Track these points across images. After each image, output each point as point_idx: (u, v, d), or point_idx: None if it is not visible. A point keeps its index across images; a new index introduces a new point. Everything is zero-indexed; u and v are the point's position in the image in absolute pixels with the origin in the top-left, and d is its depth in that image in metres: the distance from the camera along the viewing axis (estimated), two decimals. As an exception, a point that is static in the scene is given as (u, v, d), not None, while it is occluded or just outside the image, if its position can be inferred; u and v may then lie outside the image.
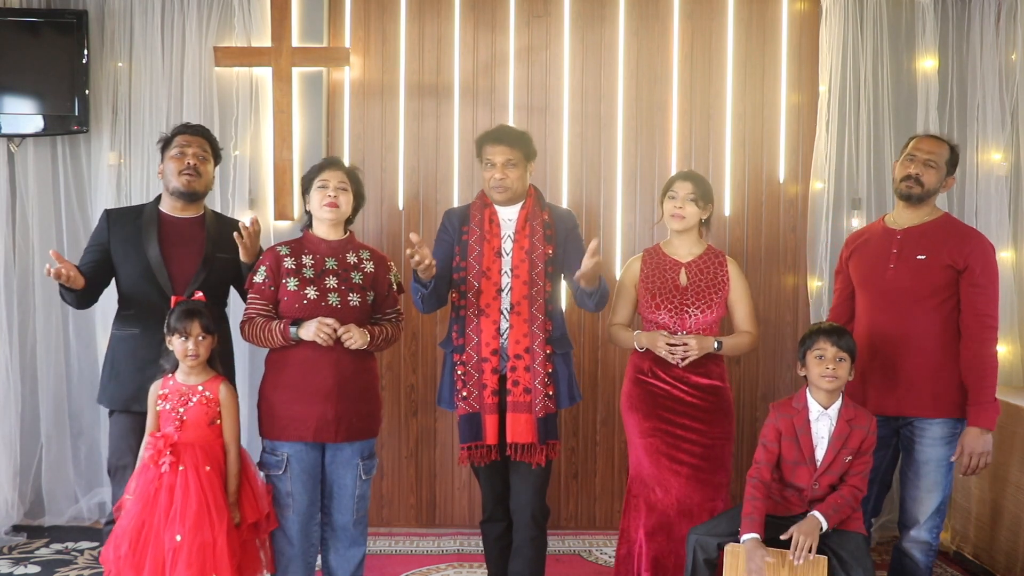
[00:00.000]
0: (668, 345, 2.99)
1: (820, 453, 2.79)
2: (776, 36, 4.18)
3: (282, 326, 2.81)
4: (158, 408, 2.81)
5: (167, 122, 4.05)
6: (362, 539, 3.00)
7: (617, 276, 3.58)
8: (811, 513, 2.72)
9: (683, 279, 3.11)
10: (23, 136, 4.08)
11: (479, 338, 2.94)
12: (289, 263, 2.88)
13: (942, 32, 4.10)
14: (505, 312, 2.95)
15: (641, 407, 3.08)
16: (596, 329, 4.18)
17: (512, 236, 3.00)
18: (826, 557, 2.68)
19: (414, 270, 2.89)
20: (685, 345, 2.99)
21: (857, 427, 2.79)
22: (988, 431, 2.95)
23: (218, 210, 3.94)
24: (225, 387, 2.85)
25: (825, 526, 2.69)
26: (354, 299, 2.87)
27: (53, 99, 4.02)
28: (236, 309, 3.59)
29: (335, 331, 2.78)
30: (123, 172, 4.11)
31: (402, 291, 3.05)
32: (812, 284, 4.10)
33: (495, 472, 3.03)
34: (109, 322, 3.95)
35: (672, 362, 3.02)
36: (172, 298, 2.87)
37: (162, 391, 2.82)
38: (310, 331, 2.78)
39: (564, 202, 4.11)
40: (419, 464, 4.24)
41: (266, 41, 4.07)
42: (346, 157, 4.16)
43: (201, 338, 2.78)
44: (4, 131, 4.02)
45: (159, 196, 3.16)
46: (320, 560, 3.05)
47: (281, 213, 4.09)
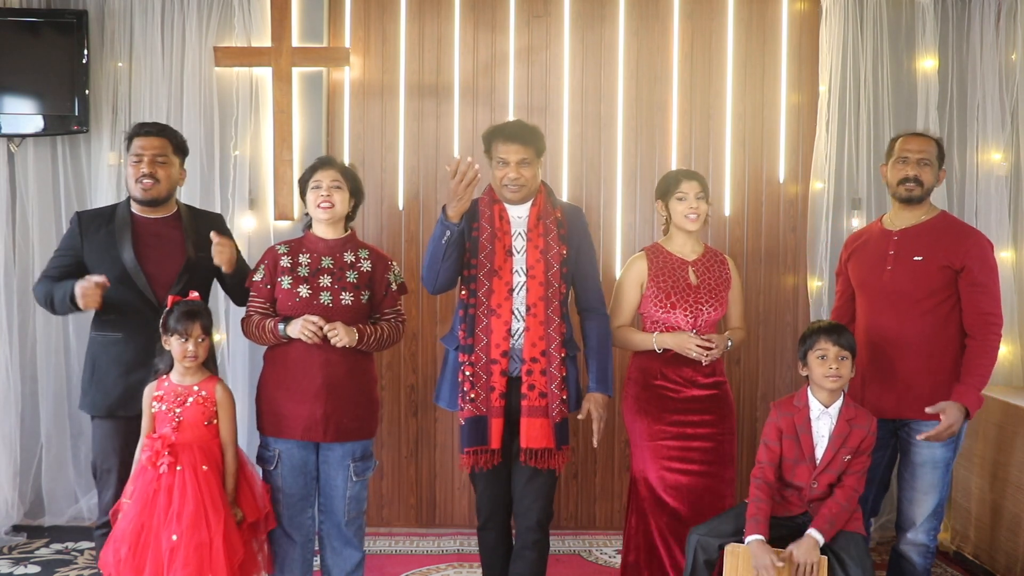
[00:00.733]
0: (700, 347, 2.98)
1: (820, 452, 2.79)
2: (776, 36, 4.18)
3: (272, 324, 2.82)
4: (153, 409, 2.80)
5: (167, 122, 4.04)
6: (356, 540, 2.98)
7: (618, 276, 3.57)
8: (807, 533, 2.69)
9: (693, 278, 3.10)
10: (23, 136, 4.07)
11: (489, 339, 2.84)
12: (285, 262, 2.89)
13: (942, 32, 4.10)
14: (518, 313, 2.86)
15: (651, 411, 3.06)
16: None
17: (524, 234, 2.91)
18: (826, 557, 2.68)
19: (443, 209, 2.78)
20: (713, 344, 2.99)
21: (857, 427, 2.79)
22: (965, 412, 2.89)
23: (217, 210, 3.96)
24: (221, 387, 2.84)
25: (822, 543, 2.68)
26: (347, 298, 2.86)
27: (53, 99, 4.02)
28: (219, 305, 3.56)
29: (320, 328, 2.77)
30: (123, 172, 4.08)
31: (404, 291, 3.02)
32: (812, 284, 4.10)
33: (496, 478, 2.92)
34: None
35: (701, 362, 3.01)
36: (170, 298, 2.84)
37: (157, 392, 2.81)
38: (295, 328, 2.78)
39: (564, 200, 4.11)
40: (419, 464, 4.24)
41: (266, 41, 4.07)
42: (346, 157, 4.16)
43: (201, 339, 2.78)
44: (4, 131, 4.02)
45: (129, 196, 3.10)
46: (319, 560, 3.05)
47: (281, 213, 4.09)
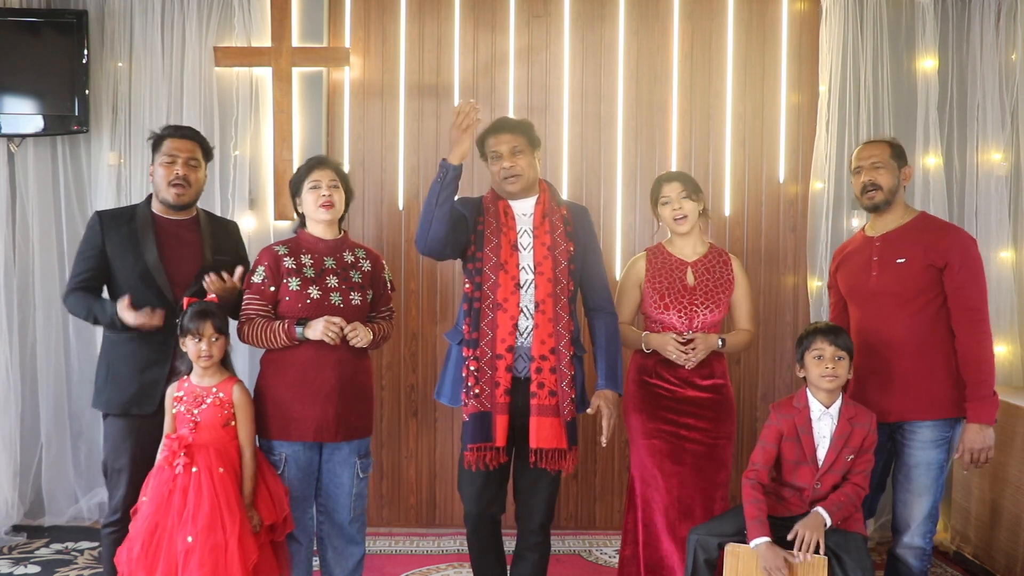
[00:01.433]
0: (679, 350, 2.99)
1: (822, 453, 2.79)
2: (776, 36, 4.18)
3: (286, 326, 2.79)
4: (174, 411, 2.80)
5: (167, 122, 4.02)
6: (359, 538, 3.00)
7: (619, 277, 3.57)
8: (815, 509, 2.72)
9: (690, 279, 3.10)
10: (23, 136, 4.08)
11: (494, 333, 2.78)
12: (289, 263, 2.86)
13: (942, 32, 4.11)
14: (525, 310, 2.82)
15: (645, 408, 3.07)
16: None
17: (530, 231, 2.87)
18: (826, 557, 2.68)
19: (443, 163, 2.74)
20: (693, 347, 2.99)
21: (858, 425, 2.79)
22: (989, 426, 2.93)
23: (218, 210, 3.96)
24: (239, 388, 2.83)
25: (829, 522, 2.70)
26: (355, 298, 2.87)
27: (53, 99, 4.02)
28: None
29: (342, 330, 2.77)
30: (123, 172, 4.11)
31: (394, 289, 3.05)
32: (812, 284, 4.11)
33: (493, 478, 2.87)
34: (108, 322, 3.99)
35: (682, 364, 3.02)
36: (184, 299, 2.85)
37: (178, 393, 2.81)
38: (318, 330, 2.76)
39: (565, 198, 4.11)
40: (419, 464, 4.24)
41: (266, 41, 4.07)
42: (346, 157, 4.17)
43: (214, 339, 2.78)
44: (4, 131, 4.02)
45: (150, 196, 3.11)
46: (319, 561, 3.05)
47: (281, 213, 4.09)
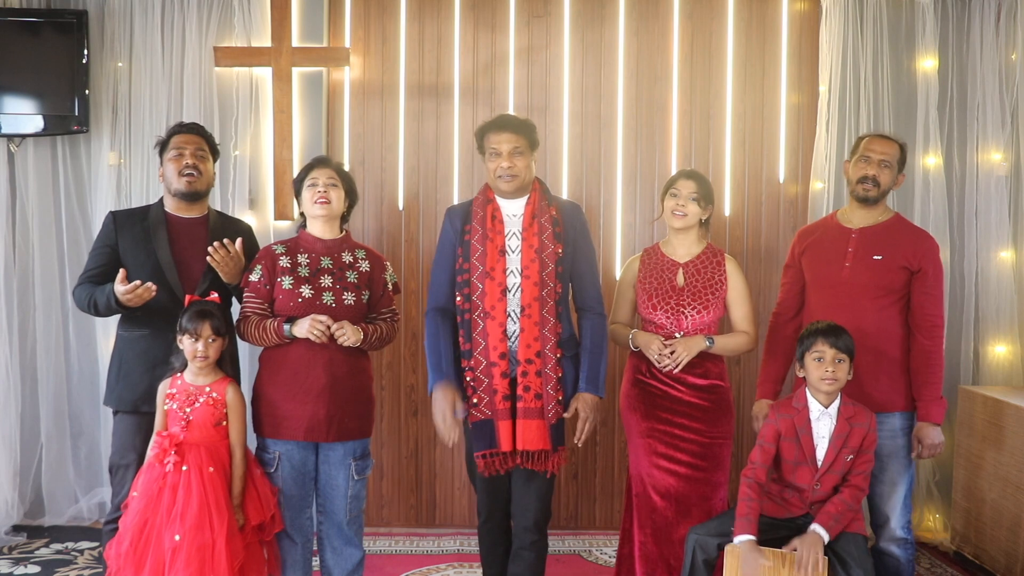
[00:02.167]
0: (659, 352, 2.99)
1: (821, 453, 2.79)
2: (776, 36, 4.18)
3: (276, 324, 2.81)
4: (165, 407, 2.81)
5: (167, 122, 4.03)
6: (357, 539, 2.99)
7: (618, 277, 3.58)
8: (811, 528, 2.70)
9: (680, 280, 3.10)
10: (23, 136, 4.08)
11: (486, 342, 2.81)
12: (284, 262, 2.88)
13: (942, 32, 4.10)
14: (513, 314, 2.84)
15: (640, 407, 3.08)
16: (596, 329, 4.17)
17: (518, 233, 2.88)
18: (826, 558, 2.68)
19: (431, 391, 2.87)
20: (672, 350, 2.98)
21: (857, 425, 2.79)
22: (939, 425, 3.05)
23: (218, 210, 3.96)
24: (232, 389, 2.84)
25: (826, 539, 2.68)
26: (349, 298, 2.87)
27: (53, 99, 4.02)
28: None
29: (328, 328, 2.78)
30: (123, 172, 4.11)
31: (398, 291, 3.04)
32: (812, 284, 4.10)
33: (498, 477, 2.90)
34: (109, 322, 3.97)
35: (661, 368, 3.01)
36: (187, 297, 2.87)
37: (170, 390, 2.82)
38: (303, 328, 2.77)
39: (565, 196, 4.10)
40: (419, 464, 4.24)
41: (266, 41, 4.07)
42: (346, 157, 4.17)
43: (211, 340, 2.78)
44: (4, 131, 4.02)
45: (162, 198, 3.14)
46: (318, 561, 3.05)
47: (281, 213, 4.09)
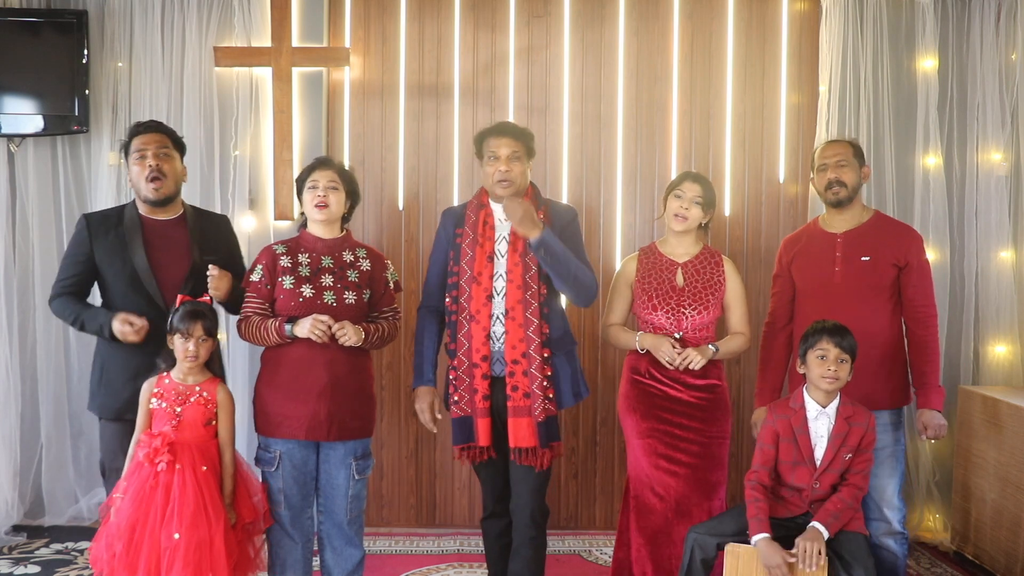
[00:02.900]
0: (671, 353, 2.99)
1: (819, 452, 2.79)
2: (776, 36, 4.18)
3: (277, 324, 2.82)
4: (152, 406, 2.80)
5: (167, 122, 4.03)
6: (357, 539, 2.99)
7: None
8: (811, 524, 2.70)
9: (679, 279, 3.10)
10: (23, 136, 4.08)
11: (470, 344, 2.90)
12: (285, 261, 2.88)
13: (942, 32, 4.10)
14: (499, 317, 2.91)
15: (639, 408, 3.08)
16: (596, 329, 4.17)
17: (507, 237, 2.95)
18: (827, 557, 2.68)
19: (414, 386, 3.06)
20: (685, 355, 2.99)
21: (856, 424, 2.79)
22: (940, 412, 3.14)
23: (218, 210, 3.96)
24: (222, 389, 2.85)
25: (826, 535, 2.68)
26: (350, 297, 2.87)
27: (53, 99, 4.02)
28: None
29: (329, 328, 2.78)
30: (123, 172, 4.09)
31: (399, 290, 3.06)
32: (812, 284, 4.10)
33: (495, 471, 3.02)
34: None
35: (676, 366, 3.01)
36: (179, 296, 2.86)
37: (156, 389, 2.80)
38: (305, 328, 2.78)
39: (564, 201, 4.11)
40: (419, 464, 4.24)
41: (266, 41, 4.07)
42: (346, 157, 4.17)
43: (202, 340, 2.78)
44: (4, 131, 4.02)
45: (135, 199, 3.10)
46: (319, 561, 3.05)
47: (281, 213, 4.09)
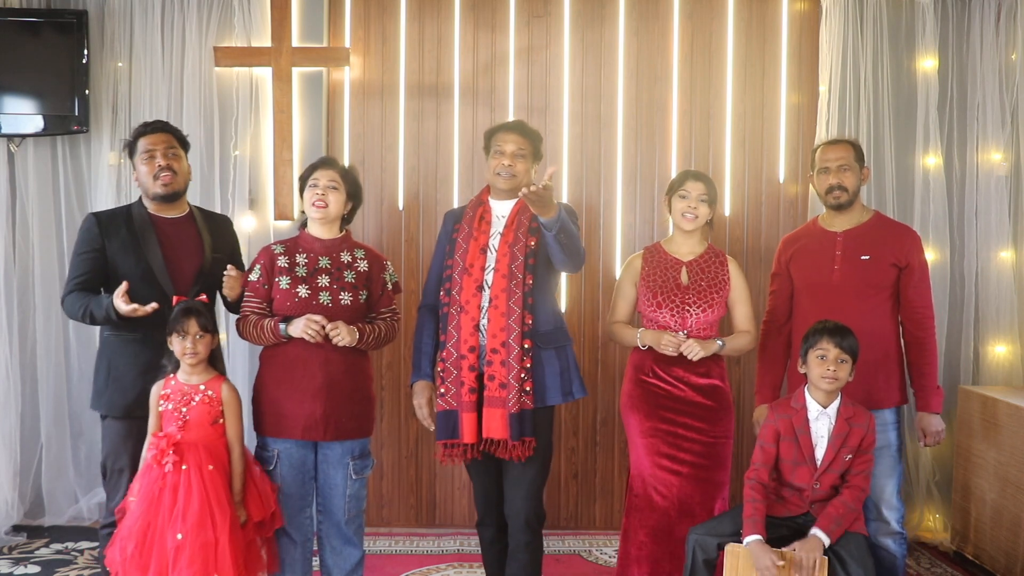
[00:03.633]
0: (671, 342, 2.98)
1: (820, 452, 2.79)
2: (776, 36, 4.18)
3: (272, 323, 2.82)
4: (160, 408, 2.81)
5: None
6: (356, 539, 2.99)
7: (618, 276, 3.57)
8: (812, 532, 2.70)
9: (684, 278, 3.11)
10: (23, 136, 4.08)
11: (459, 335, 2.88)
12: (282, 261, 2.89)
13: (942, 32, 4.10)
14: (485, 308, 2.89)
15: (642, 407, 3.08)
16: (596, 329, 4.18)
17: (501, 232, 2.94)
18: (826, 557, 2.68)
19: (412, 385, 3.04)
20: (687, 346, 2.99)
21: (856, 425, 2.79)
22: (939, 414, 3.17)
23: (218, 210, 3.96)
24: (227, 386, 2.85)
25: (828, 543, 2.68)
26: (346, 298, 2.87)
27: (53, 99, 4.02)
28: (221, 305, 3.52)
29: (323, 328, 2.78)
30: (123, 172, 4.10)
31: (398, 291, 3.05)
32: (812, 284, 4.10)
33: (485, 474, 2.98)
34: (107, 323, 3.98)
35: (674, 355, 3.00)
36: (174, 298, 2.87)
37: (164, 391, 2.82)
38: (298, 328, 2.78)
39: (564, 201, 4.10)
40: (419, 464, 4.24)
41: (266, 41, 4.07)
42: (346, 157, 4.17)
43: (199, 336, 2.78)
44: (4, 131, 4.02)
45: (140, 198, 3.10)
46: (318, 560, 3.05)
47: (281, 213, 4.09)
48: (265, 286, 2.89)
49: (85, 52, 4.01)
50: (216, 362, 2.88)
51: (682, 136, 4.19)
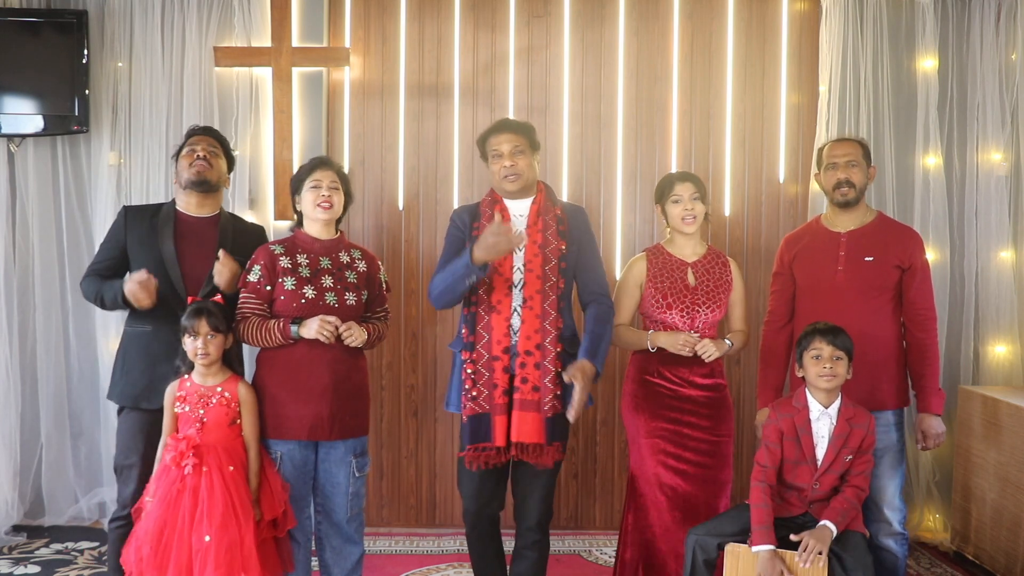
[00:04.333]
0: (688, 342, 2.99)
1: (820, 452, 2.79)
2: (776, 36, 4.18)
3: (282, 324, 2.80)
4: (176, 410, 2.81)
5: (167, 122, 4.06)
6: (357, 537, 3.00)
7: (618, 276, 3.57)
8: (822, 523, 2.71)
9: (691, 279, 3.11)
10: (23, 136, 4.08)
11: (490, 335, 2.83)
12: (285, 262, 2.87)
13: (942, 32, 4.10)
14: (519, 309, 2.86)
15: (647, 407, 3.07)
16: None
17: (523, 231, 2.91)
18: (826, 557, 2.68)
19: (470, 250, 2.74)
20: (703, 346, 3.00)
21: (857, 426, 2.79)
22: (939, 416, 3.15)
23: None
24: (244, 386, 2.84)
25: (835, 533, 2.70)
26: (350, 298, 2.87)
27: (53, 99, 4.02)
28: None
29: (336, 329, 2.78)
30: (123, 172, 4.11)
31: (389, 290, 3.06)
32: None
33: (491, 475, 2.91)
34: (109, 321, 3.98)
35: (689, 355, 3.01)
36: (188, 298, 2.88)
37: (179, 393, 2.81)
38: (312, 329, 2.77)
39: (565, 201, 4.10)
40: (419, 464, 4.24)
41: (266, 41, 4.07)
42: (346, 157, 4.17)
43: (210, 336, 2.77)
44: (4, 131, 4.02)
45: (175, 197, 3.15)
46: (317, 560, 3.05)
47: (281, 213, 4.09)
48: (267, 287, 2.86)
49: (85, 52, 4.01)
50: (232, 362, 2.88)
51: (682, 136, 4.19)
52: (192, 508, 2.68)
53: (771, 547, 2.67)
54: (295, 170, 3.98)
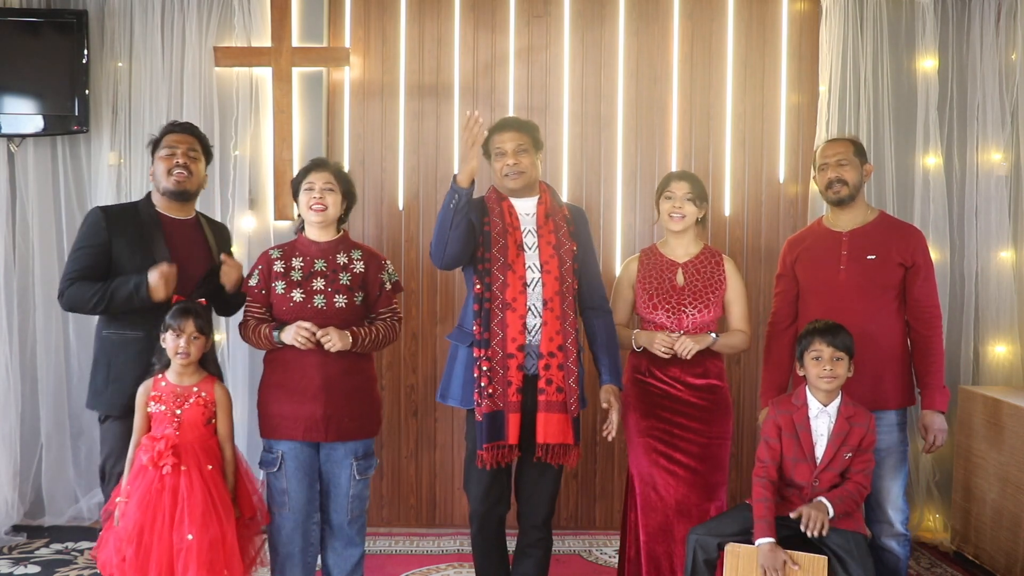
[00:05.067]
0: (664, 343, 2.98)
1: (820, 450, 2.79)
2: (776, 36, 4.18)
3: (267, 330, 2.84)
4: (151, 409, 2.80)
5: (167, 122, 4.04)
6: (358, 539, 3.00)
7: (617, 276, 3.57)
8: (818, 499, 2.72)
9: (680, 279, 3.10)
10: (23, 136, 4.08)
11: (505, 333, 2.82)
12: (279, 266, 2.89)
13: (942, 32, 4.10)
14: (534, 308, 2.86)
15: (639, 406, 3.08)
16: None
17: (534, 231, 2.91)
18: (826, 557, 2.68)
19: (454, 186, 2.73)
20: (681, 343, 2.98)
21: (857, 425, 2.79)
22: (943, 413, 3.14)
23: (218, 210, 3.97)
24: (219, 386, 2.86)
25: (832, 512, 2.70)
26: (340, 301, 2.86)
27: (53, 99, 4.02)
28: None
29: (313, 334, 2.78)
30: (123, 172, 4.11)
31: (399, 290, 3.03)
32: (812, 284, 4.10)
33: (502, 474, 2.91)
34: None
35: (669, 356, 3.00)
36: (173, 296, 2.87)
37: (154, 392, 2.80)
38: (288, 335, 2.80)
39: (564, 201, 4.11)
40: (419, 464, 4.24)
41: (266, 41, 4.07)
42: (346, 157, 4.17)
43: (194, 337, 2.78)
44: (4, 131, 4.02)
45: (148, 194, 3.10)
46: (320, 560, 3.05)
47: (281, 213, 4.09)
48: (263, 291, 2.90)
49: (85, 52, 4.01)
50: (208, 364, 2.88)
51: (682, 136, 4.19)
52: (172, 507, 2.67)
53: (772, 540, 2.67)
54: (295, 170, 4.01)
